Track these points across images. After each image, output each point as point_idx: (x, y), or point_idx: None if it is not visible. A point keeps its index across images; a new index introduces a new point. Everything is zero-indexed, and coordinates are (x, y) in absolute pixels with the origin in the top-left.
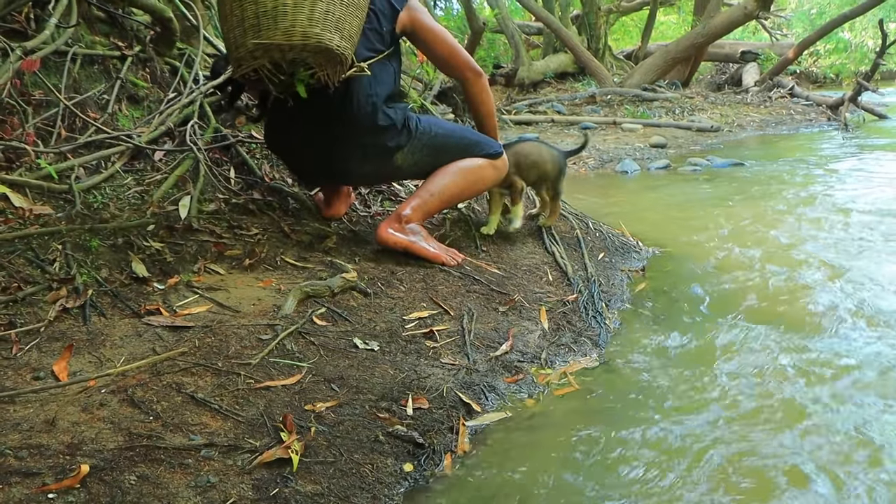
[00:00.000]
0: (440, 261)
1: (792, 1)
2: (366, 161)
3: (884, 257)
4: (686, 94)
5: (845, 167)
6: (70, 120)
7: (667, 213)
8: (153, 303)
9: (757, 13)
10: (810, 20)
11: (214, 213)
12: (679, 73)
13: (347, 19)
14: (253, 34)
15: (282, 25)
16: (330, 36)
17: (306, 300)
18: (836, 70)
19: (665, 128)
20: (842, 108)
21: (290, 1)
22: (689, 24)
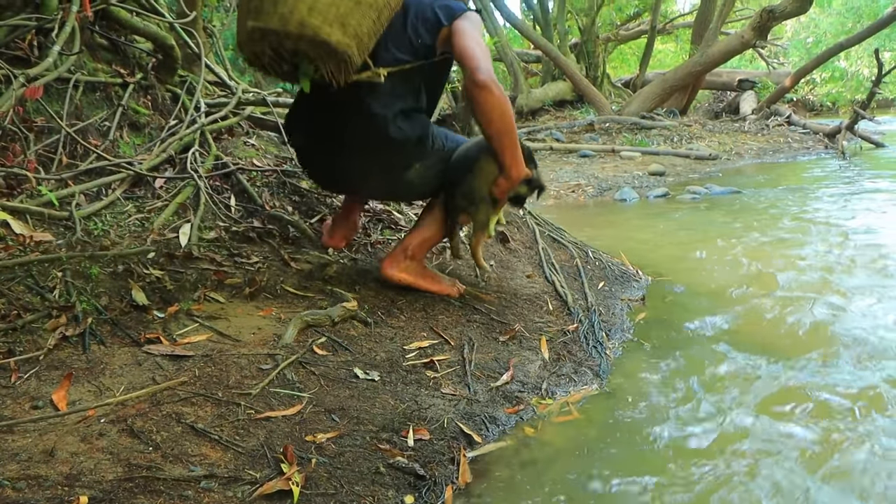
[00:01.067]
0: (445, 293)
1: (788, 30)
2: (372, 173)
3: (883, 288)
4: (684, 122)
5: (843, 195)
6: (71, 147)
7: (666, 242)
8: (153, 331)
9: (754, 42)
10: (806, 49)
11: (215, 241)
12: (677, 102)
13: (356, 16)
14: (253, 17)
15: (280, 11)
16: (330, 30)
17: (307, 329)
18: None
19: (663, 156)
20: (839, 136)
21: None
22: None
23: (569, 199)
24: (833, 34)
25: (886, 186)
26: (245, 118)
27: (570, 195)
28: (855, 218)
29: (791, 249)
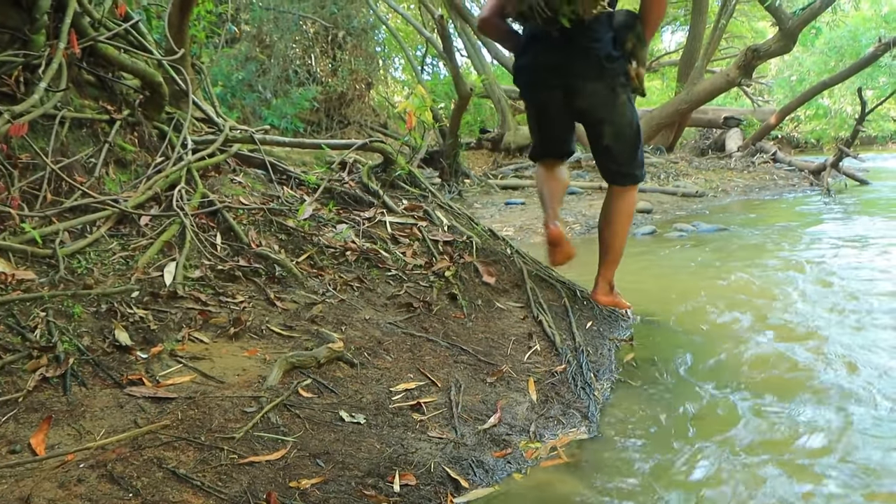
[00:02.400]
0: (624, 307)
1: (772, 68)
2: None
3: (870, 325)
4: (671, 160)
5: (829, 233)
6: (56, 183)
7: (653, 280)
8: (135, 372)
9: (739, 80)
10: (790, 87)
11: (200, 280)
12: (664, 139)
13: None
14: None
15: None
16: None
17: (292, 371)
18: (817, 135)
19: (650, 193)
20: (824, 173)
21: None
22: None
23: None
24: (816, 72)
25: (871, 224)
26: (232, 155)
27: None
28: (841, 256)
29: (778, 288)
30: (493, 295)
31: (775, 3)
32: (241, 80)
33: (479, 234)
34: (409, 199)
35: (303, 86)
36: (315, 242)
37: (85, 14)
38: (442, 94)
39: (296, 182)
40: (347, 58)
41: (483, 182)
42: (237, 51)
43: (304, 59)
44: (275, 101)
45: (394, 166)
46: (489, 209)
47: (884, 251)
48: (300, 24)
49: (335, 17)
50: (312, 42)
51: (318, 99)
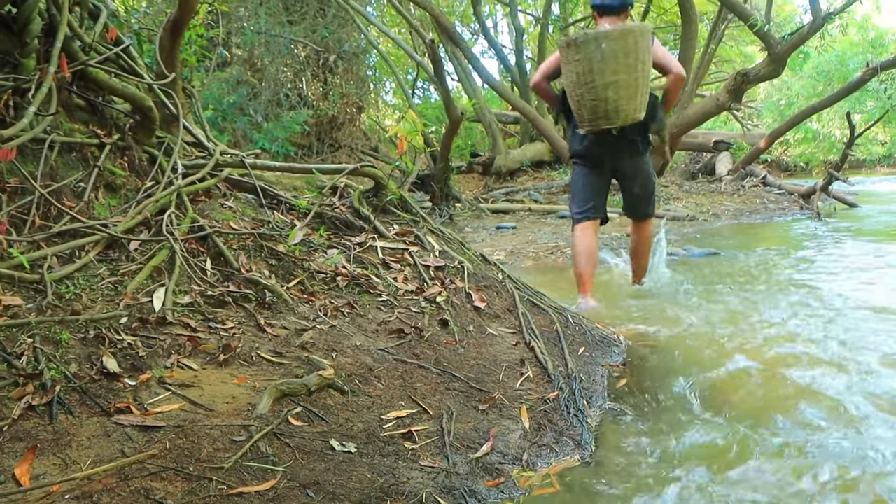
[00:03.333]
0: None
1: (761, 92)
2: (636, 167)
3: (866, 348)
4: (661, 183)
5: (820, 256)
6: (45, 208)
7: (645, 305)
8: (123, 400)
9: (729, 104)
10: (779, 110)
11: (189, 306)
12: (654, 162)
13: (645, 88)
14: (605, 121)
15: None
16: (638, 114)
17: (282, 399)
18: (806, 159)
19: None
20: (814, 196)
21: (625, 104)
22: None
23: (548, 261)
24: (805, 96)
25: (862, 248)
26: (222, 180)
27: (549, 257)
28: (833, 280)
29: (770, 313)
30: (484, 320)
31: (764, 28)
32: (232, 103)
33: (470, 260)
34: (401, 224)
35: (294, 109)
36: (306, 268)
37: (76, 38)
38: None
39: (286, 207)
40: (338, 81)
41: (474, 206)
42: (228, 74)
43: (296, 82)
44: (266, 124)
45: (385, 191)
46: (480, 233)
47: (875, 275)
48: (291, 47)
49: (326, 41)
50: (304, 66)
51: (309, 122)
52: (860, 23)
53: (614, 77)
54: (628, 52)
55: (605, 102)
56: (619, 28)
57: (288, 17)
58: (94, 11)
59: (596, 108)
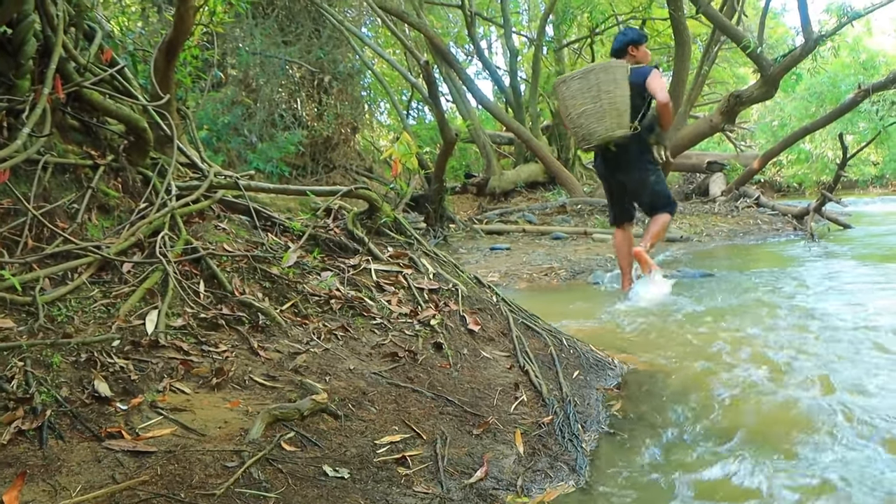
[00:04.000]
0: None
1: (754, 113)
2: (640, 180)
3: (863, 371)
4: None
5: (814, 278)
6: (38, 230)
7: (640, 327)
8: (115, 425)
9: (722, 125)
10: (772, 131)
11: (182, 329)
12: None
13: (627, 112)
14: (585, 143)
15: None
16: (624, 131)
17: (275, 423)
18: (799, 179)
19: (636, 238)
20: (807, 217)
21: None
22: None
23: (542, 283)
24: (798, 118)
25: (856, 269)
26: (216, 201)
27: (543, 278)
28: (828, 302)
29: (765, 335)
30: (479, 344)
31: (757, 50)
32: (226, 123)
33: (464, 282)
34: (395, 247)
35: (288, 130)
36: (299, 290)
37: (70, 59)
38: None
39: (280, 229)
40: (333, 102)
41: (468, 227)
42: (223, 95)
43: (290, 103)
44: (260, 144)
45: (379, 213)
46: (474, 254)
47: (869, 296)
48: (286, 68)
49: (321, 61)
50: (298, 86)
51: (303, 143)
52: (851, 45)
53: (582, 108)
54: (590, 87)
55: (581, 128)
56: (582, 69)
57: (283, 38)
58: (89, 33)
59: (577, 134)
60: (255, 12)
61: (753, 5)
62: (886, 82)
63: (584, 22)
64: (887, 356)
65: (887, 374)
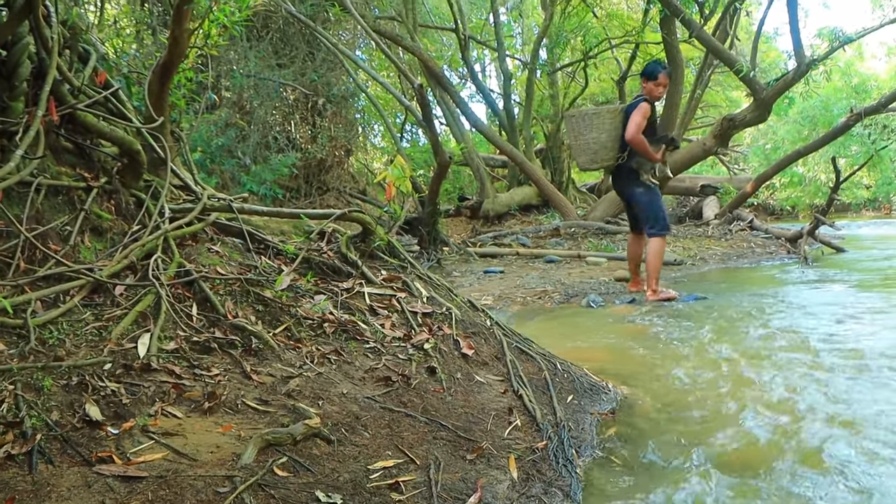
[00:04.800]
0: (672, 297)
1: (747, 136)
2: (634, 190)
3: (854, 398)
4: None
5: (809, 301)
6: (30, 252)
7: (634, 351)
8: (105, 449)
9: (716, 149)
10: (765, 155)
11: (174, 352)
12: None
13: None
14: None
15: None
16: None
17: (267, 448)
18: (792, 202)
19: None
20: (800, 241)
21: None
22: None
23: (535, 306)
24: (791, 141)
25: (850, 293)
26: (210, 224)
27: (536, 302)
28: (822, 327)
29: (760, 360)
30: (472, 368)
31: (750, 73)
32: (220, 145)
33: (458, 306)
34: (388, 270)
35: (282, 152)
36: (292, 313)
37: (65, 81)
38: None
39: (274, 252)
40: (327, 124)
41: (462, 250)
42: (217, 117)
43: (284, 125)
44: (254, 167)
45: (373, 236)
46: (468, 277)
47: (864, 320)
48: (281, 91)
49: (315, 84)
50: (292, 109)
51: (297, 165)
52: (843, 69)
53: (570, 143)
54: (572, 128)
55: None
56: (586, 111)
57: (277, 61)
58: (83, 55)
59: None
60: (249, 35)
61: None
62: (878, 106)
63: (578, 46)
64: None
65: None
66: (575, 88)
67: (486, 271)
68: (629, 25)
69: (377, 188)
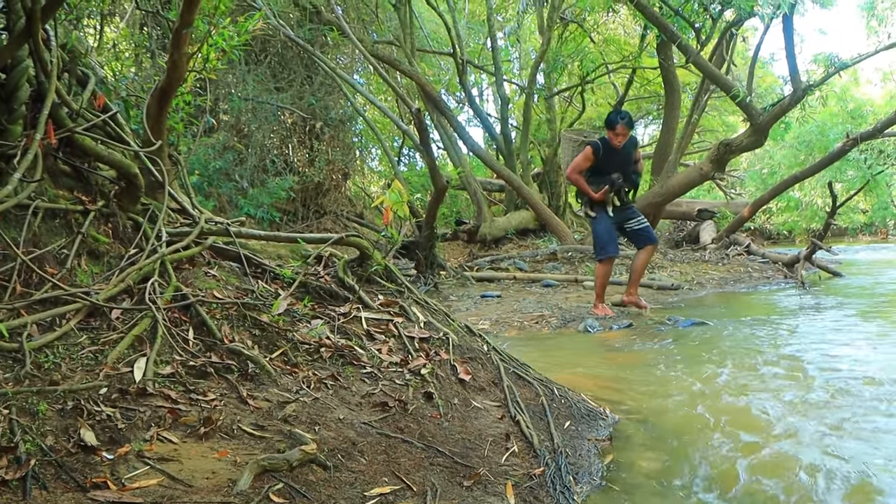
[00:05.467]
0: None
1: (744, 161)
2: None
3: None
4: None
5: (807, 327)
6: (27, 275)
7: (631, 377)
8: (100, 475)
9: (712, 174)
10: (762, 179)
11: (171, 377)
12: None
13: None
14: None
15: None
16: None
17: (263, 474)
18: (789, 227)
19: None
20: (797, 265)
21: None
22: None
23: (533, 331)
24: (787, 166)
25: (847, 318)
26: (207, 248)
27: (534, 326)
28: (820, 351)
29: (758, 385)
30: (469, 393)
31: (746, 99)
32: (218, 169)
33: (455, 331)
34: (386, 295)
35: (280, 175)
36: (289, 338)
37: (63, 105)
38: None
39: (271, 276)
40: (325, 148)
41: (459, 274)
42: (215, 140)
43: (282, 148)
44: (251, 190)
45: (370, 261)
46: (465, 302)
47: (860, 345)
48: (278, 114)
49: (313, 108)
50: (290, 132)
51: (294, 189)
52: (839, 94)
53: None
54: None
55: None
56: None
57: (275, 84)
58: (82, 78)
59: None
60: (248, 59)
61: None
62: (874, 131)
63: (575, 70)
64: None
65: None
66: (572, 113)
67: (482, 296)
68: (626, 51)
69: (374, 212)
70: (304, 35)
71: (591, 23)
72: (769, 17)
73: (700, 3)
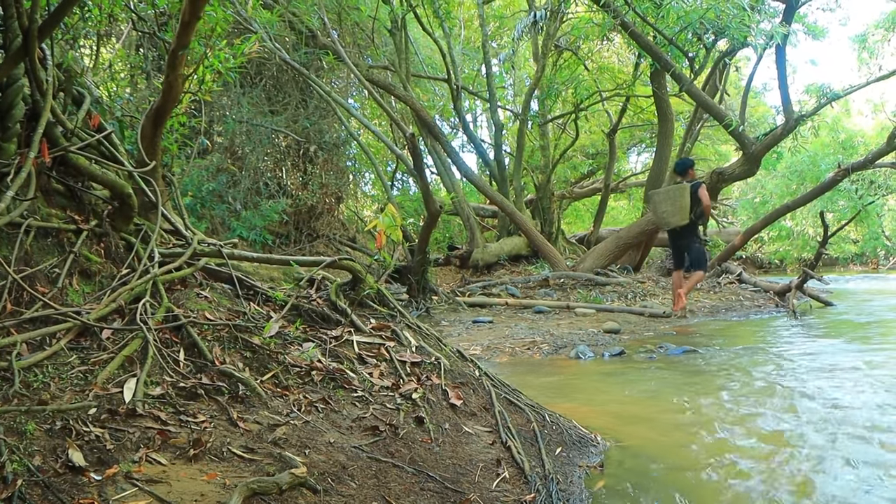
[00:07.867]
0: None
1: (736, 190)
2: (689, 241)
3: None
4: (638, 279)
5: (798, 356)
6: (17, 293)
7: (623, 404)
8: (88, 496)
9: None
10: (754, 208)
11: (160, 398)
12: (630, 258)
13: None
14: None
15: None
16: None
17: (252, 497)
18: (781, 256)
19: (618, 313)
20: (789, 294)
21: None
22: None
23: (524, 357)
24: (779, 195)
25: (838, 347)
26: (199, 269)
27: (525, 352)
28: (810, 381)
29: (748, 414)
30: (460, 418)
31: (739, 128)
32: (211, 190)
33: (446, 356)
34: (378, 319)
35: (273, 198)
36: (280, 361)
37: (58, 124)
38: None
39: (263, 298)
40: (318, 171)
41: (451, 299)
42: (209, 162)
43: (276, 171)
44: (244, 212)
45: (362, 285)
46: (456, 327)
47: (850, 374)
48: (273, 137)
49: (307, 131)
50: (284, 155)
51: (287, 211)
52: (831, 125)
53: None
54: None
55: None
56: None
57: (270, 107)
58: (77, 98)
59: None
60: (243, 81)
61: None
62: (865, 162)
63: (569, 98)
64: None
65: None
66: (566, 140)
67: (474, 321)
68: (620, 79)
69: (367, 236)
70: (299, 58)
71: (586, 50)
72: (762, 47)
73: (694, 33)
